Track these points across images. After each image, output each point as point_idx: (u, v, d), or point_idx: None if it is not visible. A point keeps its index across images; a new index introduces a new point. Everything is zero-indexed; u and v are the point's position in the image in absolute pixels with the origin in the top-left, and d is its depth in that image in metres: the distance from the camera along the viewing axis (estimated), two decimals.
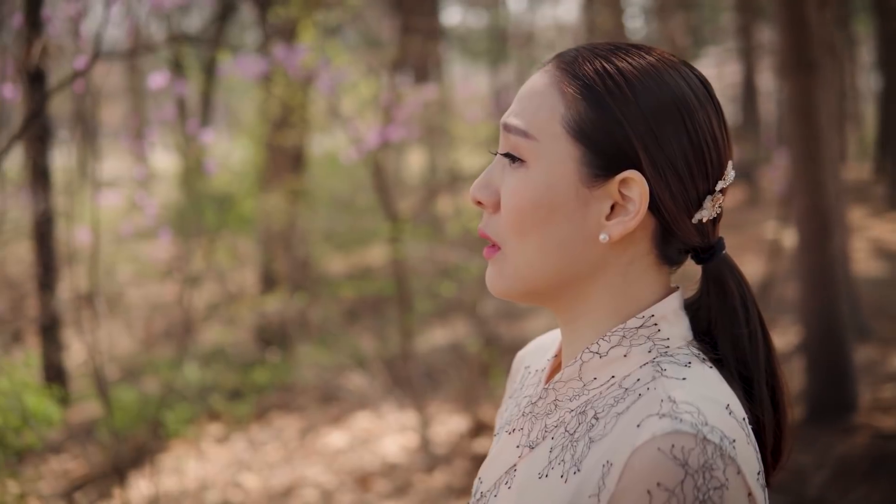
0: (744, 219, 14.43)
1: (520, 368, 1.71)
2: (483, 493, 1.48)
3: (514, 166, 1.38)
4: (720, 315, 1.40)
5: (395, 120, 8.02)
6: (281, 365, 9.83)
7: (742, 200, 16.13)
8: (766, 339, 1.42)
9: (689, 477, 1.15)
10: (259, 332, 10.81)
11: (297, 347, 10.20)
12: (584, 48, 1.40)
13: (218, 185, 12.24)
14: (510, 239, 1.38)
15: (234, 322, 11.37)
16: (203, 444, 8.27)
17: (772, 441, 1.39)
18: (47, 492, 7.55)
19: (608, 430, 1.28)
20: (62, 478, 7.96)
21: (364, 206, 12.69)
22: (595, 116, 1.33)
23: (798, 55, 6.62)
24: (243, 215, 11.41)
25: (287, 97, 8.94)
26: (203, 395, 9.10)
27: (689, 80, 1.37)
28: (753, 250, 12.00)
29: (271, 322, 10.68)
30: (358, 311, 11.27)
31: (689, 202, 1.35)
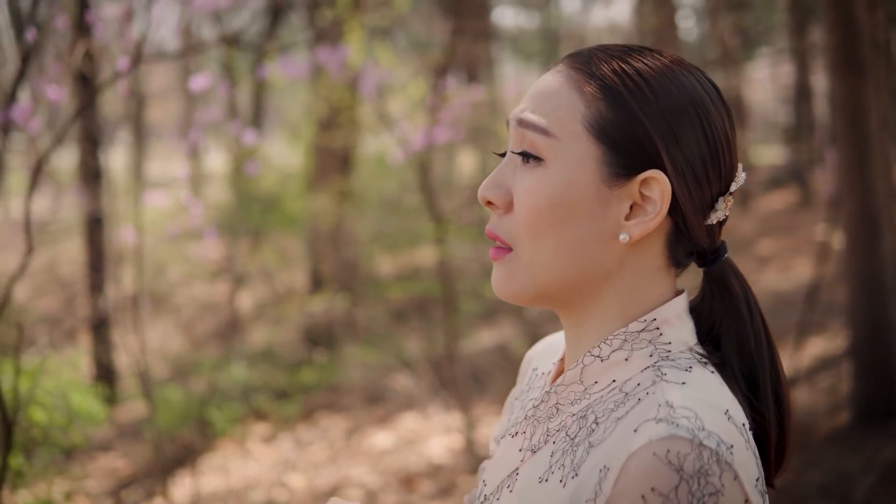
0: (795, 221, 14.32)
1: (528, 370, 1.70)
2: (486, 496, 1.48)
3: (529, 165, 1.37)
4: (724, 316, 1.39)
5: (440, 121, 8.00)
6: (328, 365, 9.86)
7: (794, 203, 16.00)
8: (770, 342, 1.41)
9: (684, 482, 1.14)
10: (307, 333, 10.85)
11: (344, 348, 10.22)
12: (597, 49, 1.39)
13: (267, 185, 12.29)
14: (525, 240, 1.37)
15: (281, 322, 11.41)
16: (250, 444, 8.30)
17: (775, 445, 1.38)
18: (95, 490, 7.61)
19: (607, 435, 1.27)
20: (110, 476, 8.01)
21: (411, 207, 12.70)
22: (616, 115, 1.32)
23: (846, 56, 6.55)
24: (292, 216, 11.45)
25: (334, 98, 8.97)
26: (250, 394, 9.14)
27: (703, 83, 1.37)
28: (805, 253, 11.91)
29: (319, 322, 10.71)
30: (405, 312, 11.28)
31: (704, 203, 1.35)
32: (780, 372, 1.41)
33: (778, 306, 9.74)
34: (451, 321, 7.60)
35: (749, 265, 11.78)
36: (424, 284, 10.99)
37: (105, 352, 10.12)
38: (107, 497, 7.49)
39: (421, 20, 18.36)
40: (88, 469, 8.00)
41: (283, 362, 10.22)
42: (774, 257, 12.34)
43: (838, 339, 8.40)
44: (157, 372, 10.30)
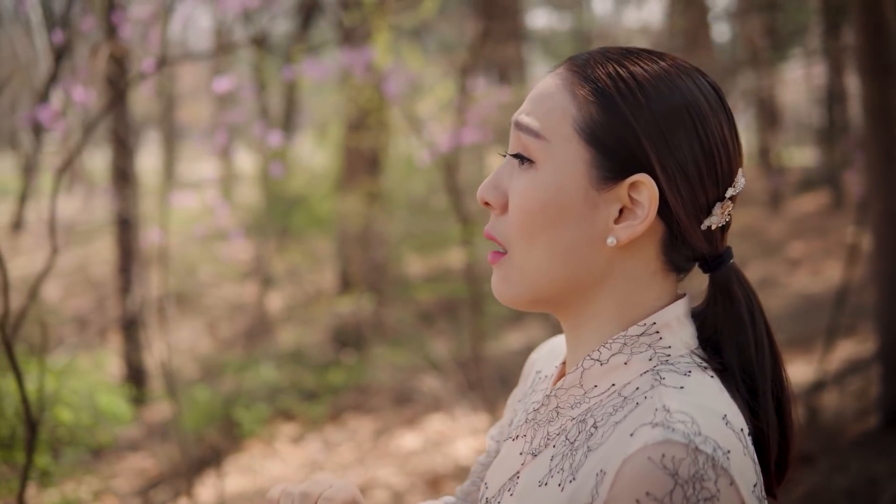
0: (827, 223, 14.25)
1: (531, 372, 1.70)
2: (488, 499, 1.48)
3: (523, 167, 1.37)
4: (726, 323, 1.39)
5: (467, 123, 8.00)
6: (356, 366, 9.87)
7: (825, 205, 15.92)
8: (773, 350, 1.40)
9: (679, 487, 1.14)
10: (335, 333, 10.87)
11: (372, 349, 10.24)
12: (597, 52, 1.40)
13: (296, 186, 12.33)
14: (517, 242, 1.38)
15: (310, 323, 11.44)
16: (278, 445, 8.32)
17: (776, 452, 1.37)
18: (124, 489, 7.64)
19: (605, 439, 1.27)
20: (139, 476, 8.04)
21: (440, 208, 12.71)
22: (606, 119, 1.32)
23: (875, 57, 6.51)
24: (321, 217, 11.48)
25: (362, 100, 8.98)
26: (278, 395, 9.16)
27: (702, 87, 1.36)
28: (836, 255, 11.85)
29: (347, 323, 10.73)
30: (433, 314, 11.28)
31: (698, 208, 1.34)
32: (783, 381, 1.40)
33: (808, 309, 9.71)
34: (478, 323, 7.59)
35: (780, 268, 11.74)
36: (452, 286, 11.00)
37: (134, 352, 10.16)
38: (135, 496, 7.52)
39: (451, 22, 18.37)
40: (117, 469, 8.04)
41: (312, 363, 10.24)
42: (805, 260, 12.29)
43: (868, 342, 8.36)
44: (186, 372, 10.34)
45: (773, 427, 1.36)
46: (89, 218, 16.78)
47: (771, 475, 1.37)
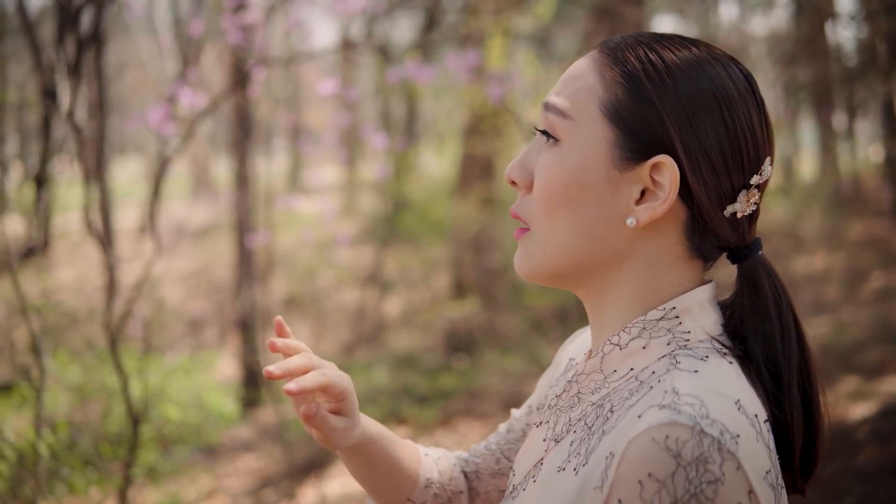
0: None
1: (563, 359, 1.70)
2: (515, 486, 1.48)
3: (548, 144, 1.38)
4: (751, 314, 1.36)
5: None
6: (467, 371, 9.88)
7: None
8: (802, 343, 1.38)
9: (681, 469, 1.12)
10: (448, 338, 10.89)
11: (483, 354, 10.23)
12: (630, 36, 1.40)
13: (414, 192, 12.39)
14: (540, 218, 1.38)
15: (424, 327, 11.48)
16: None
17: (801, 445, 1.34)
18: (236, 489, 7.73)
19: (618, 423, 1.25)
20: (251, 476, 8.13)
21: None
22: (632, 100, 1.33)
23: None
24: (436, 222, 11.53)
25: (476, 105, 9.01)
26: (390, 398, 9.20)
27: (732, 74, 1.35)
28: None
29: (460, 328, 10.75)
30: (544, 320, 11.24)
31: (721, 193, 1.33)
32: (811, 375, 1.37)
33: None
34: None
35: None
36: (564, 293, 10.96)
37: (250, 354, 10.29)
38: (246, 496, 7.60)
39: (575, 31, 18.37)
40: (229, 469, 8.14)
41: (424, 367, 10.27)
42: None
43: None
44: None
45: (797, 419, 1.33)
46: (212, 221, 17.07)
47: (796, 470, 1.35)
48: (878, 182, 17.12)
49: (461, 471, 1.79)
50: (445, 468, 1.76)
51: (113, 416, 5.96)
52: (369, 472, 1.67)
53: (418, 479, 1.71)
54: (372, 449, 1.64)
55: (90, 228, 4.47)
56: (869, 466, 5.70)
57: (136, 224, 19.94)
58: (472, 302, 11.01)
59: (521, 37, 12.72)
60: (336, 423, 1.54)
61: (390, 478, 1.68)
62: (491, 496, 1.76)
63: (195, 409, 6.19)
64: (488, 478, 1.76)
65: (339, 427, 1.55)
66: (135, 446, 4.43)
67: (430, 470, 1.73)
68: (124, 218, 18.62)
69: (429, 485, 1.72)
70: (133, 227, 19.23)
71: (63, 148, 8.43)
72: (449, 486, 1.75)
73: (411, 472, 1.70)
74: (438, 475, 1.74)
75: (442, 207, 11.76)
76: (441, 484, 1.74)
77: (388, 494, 1.70)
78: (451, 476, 1.76)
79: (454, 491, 1.75)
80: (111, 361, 5.49)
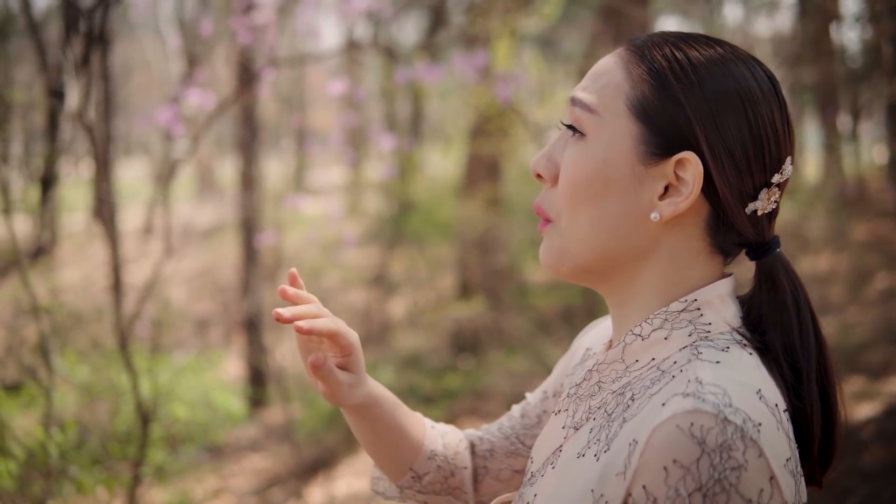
0: None
1: (580, 348, 1.74)
2: (533, 473, 1.51)
3: (574, 138, 1.41)
4: (770, 309, 1.40)
5: None
6: (473, 371, 9.89)
7: None
8: (818, 337, 1.41)
9: (706, 455, 1.15)
10: (453, 339, 10.91)
11: (489, 354, 10.25)
12: (656, 35, 1.43)
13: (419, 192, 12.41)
14: (564, 212, 1.41)
15: (429, 328, 11.49)
16: None
17: (819, 436, 1.37)
18: (242, 489, 7.75)
19: (639, 410, 1.28)
20: (257, 475, 8.15)
21: None
22: (658, 98, 1.35)
23: None
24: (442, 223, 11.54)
25: (482, 106, 9.03)
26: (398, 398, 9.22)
27: (756, 74, 1.38)
28: None
29: (465, 328, 10.76)
30: (550, 321, 11.25)
31: (743, 191, 1.36)
32: (828, 368, 1.41)
33: None
34: None
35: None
36: (570, 293, 10.97)
37: (255, 354, 10.31)
38: (252, 496, 7.63)
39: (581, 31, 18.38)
40: (235, 468, 8.17)
41: (429, 367, 10.29)
42: None
43: None
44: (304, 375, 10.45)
45: (816, 411, 1.36)
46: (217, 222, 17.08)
47: (814, 461, 1.38)
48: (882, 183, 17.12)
49: (471, 447, 1.83)
50: (451, 443, 1.80)
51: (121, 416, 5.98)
52: (373, 435, 1.70)
53: (422, 449, 1.75)
54: (376, 411, 1.67)
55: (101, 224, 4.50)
56: (873, 466, 5.72)
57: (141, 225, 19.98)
58: (478, 302, 11.03)
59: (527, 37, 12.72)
60: (342, 378, 1.58)
61: (394, 444, 1.72)
62: (503, 475, 1.80)
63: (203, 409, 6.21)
64: (503, 457, 1.80)
65: (344, 382, 1.58)
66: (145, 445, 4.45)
67: (434, 442, 1.77)
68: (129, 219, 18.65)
69: (432, 456, 1.76)
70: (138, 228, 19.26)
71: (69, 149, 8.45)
72: (453, 460, 1.78)
73: (416, 441, 1.74)
74: (443, 448, 1.78)
75: (447, 208, 11.77)
76: (445, 457, 1.77)
77: (392, 461, 1.74)
78: (455, 451, 1.80)
79: (458, 465, 1.79)
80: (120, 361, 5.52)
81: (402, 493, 1.77)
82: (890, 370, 7.50)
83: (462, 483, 1.79)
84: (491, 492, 1.80)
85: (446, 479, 1.77)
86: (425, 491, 1.77)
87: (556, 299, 11.26)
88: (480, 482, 1.81)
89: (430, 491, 1.77)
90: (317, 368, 1.52)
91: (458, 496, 1.79)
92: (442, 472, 1.76)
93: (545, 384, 1.81)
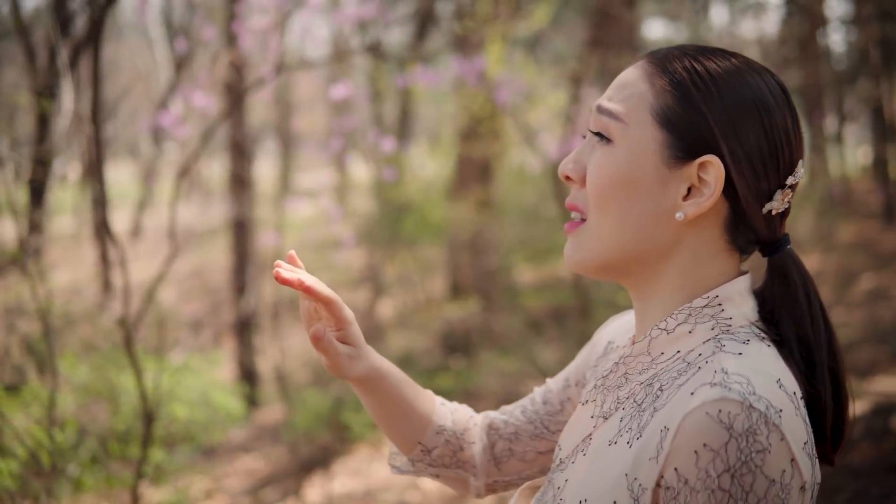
0: None
1: (602, 341, 1.84)
2: (562, 460, 1.60)
3: (601, 144, 1.50)
4: (783, 301, 1.49)
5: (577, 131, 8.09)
6: (464, 371, 9.94)
7: None
8: (828, 328, 1.50)
9: (734, 439, 1.25)
10: (444, 339, 10.95)
11: (480, 354, 10.29)
12: (675, 47, 1.52)
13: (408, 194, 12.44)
14: (593, 211, 1.50)
15: (421, 328, 11.54)
16: (385, 448, 8.41)
17: (832, 419, 1.47)
18: (235, 489, 7.78)
19: (669, 400, 1.37)
20: (250, 476, 8.18)
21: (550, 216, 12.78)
22: (681, 107, 1.45)
23: None
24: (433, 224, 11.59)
25: (474, 108, 9.08)
26: None
27: (769, 84, 1.48)
28: None
29: (456, 329, 10.80)
30: (541, 321, 11.30)
31: (760, 192, 1.45)
32: (837, 355, 1.50)
33: None
34: (585, 330, 7.64)
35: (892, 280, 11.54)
36: (561, 294, 11.03)
37: (247, 355, 10.33)
38: (245, 496, 7.66)
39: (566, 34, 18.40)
40: (228, 469, 8.19)
41: (421, 368, 10.33)
42: None
43: None
44: (297, 376, 10.48)
45: (828, 396, 1.45)
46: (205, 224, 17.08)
47: (827, 442, 1.47)
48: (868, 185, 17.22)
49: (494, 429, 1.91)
50: (460, 419, 1.89)
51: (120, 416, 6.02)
52: (380, 408, 1.80)
53: (431, 423, 1.84)
54: (382, 385, 1.77)
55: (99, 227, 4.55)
56: (862, 464, 5.79)
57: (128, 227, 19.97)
58: (469, 303, 11.08)
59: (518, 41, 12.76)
60: (342, 350, 1.70)
61: (402, 417, 1.81)
62: (528, 456, 1.89)
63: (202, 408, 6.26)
64: (527, 440, 1.89)
65: (344, 353, 1.70)
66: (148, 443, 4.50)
67: (444, 418, 1.86)
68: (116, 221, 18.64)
69: (441, 431, 1.85)
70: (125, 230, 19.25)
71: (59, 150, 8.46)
72: (462, 435, 1.87)
73: (424, 416, 1.84)
74: (452, 424, 1.86)
75: (439, 210, 11.82)
76: (454, 432, 1.86)
77: (401, 434, 1.83)
78: (465, 427, 1.88)
79: (467, 441, 1.87)
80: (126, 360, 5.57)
81: (415, 466, 1.86)
82: (877, 369, 7.58)
83: (472, 458, 1.88)
84: (515, 471, 1.89)
85: (455, 454, 1.86)
86: (435, 464, 1.86)
87: (547, 300, 11.33)
88: (505, 463, 1.89)
89: (440, 464, 1.86)
90: (317, 340, 1.63)
91: (467, 469, 1.88)
92: (451, 447, 1.85)
93: (567, 372, 1.91)
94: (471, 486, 1.90)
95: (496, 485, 1.92)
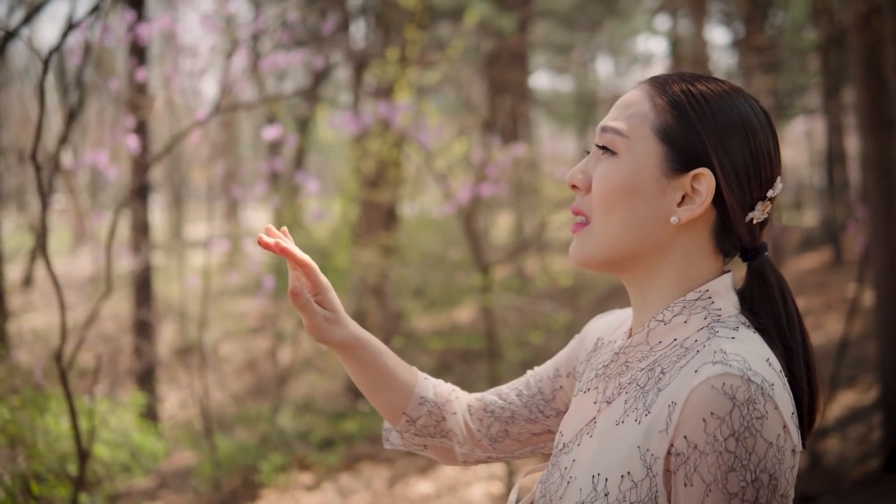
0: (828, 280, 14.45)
1: (592, 337, 2.04)
2: (566, 444, 1.80)
3: (606, 156, 1.72)
4: (761, 300, 1.72)
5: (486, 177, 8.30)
6: (371, 415, 10.02)
7: (826, 262, 16.10)
8: (801, 324, 1.73)
9: (737, 408, 1.46)
10: (350, 383, 11.00)
11: None
12: (674, 73, 1.75)
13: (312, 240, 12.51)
14: (598, 215, 1.72)
15: (326, 373, 11.60)
16: (294, 493, 8.45)
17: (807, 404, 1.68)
18: None
19: (672, 380, 1.59)
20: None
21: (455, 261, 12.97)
22: (678, 125, 1.67)
23: (876, 113, 6.79)
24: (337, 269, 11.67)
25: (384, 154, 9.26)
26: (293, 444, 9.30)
27: (755, 108, 1.71)
28: (836, 310, 12.08)
29: None
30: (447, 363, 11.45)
31: (745, 203, 1.68)
32: (809, 346, 1.73)
33: None
34: (495, 368, 7.79)
35: None
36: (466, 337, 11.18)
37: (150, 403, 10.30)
38: None
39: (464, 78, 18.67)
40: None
41: (327, 413, 10.39)
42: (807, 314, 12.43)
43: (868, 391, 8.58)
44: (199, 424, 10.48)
45: (803, 379, 1.67)
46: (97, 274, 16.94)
47: (803, 423, 1.68)
48: None
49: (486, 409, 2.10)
50: (442, 392, 2.09)
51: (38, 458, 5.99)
52: (363, 377, 1.99)
53: (413, 394, 2.04)
54: (364, 353, 1.97)
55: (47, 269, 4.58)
56: None
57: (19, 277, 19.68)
58: None
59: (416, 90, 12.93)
60: (319, 311, 1.89)
61: (384, 387, 2.01)
62: (522, 436, 2.09)
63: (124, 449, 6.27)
64: (522, 422, 2.08)
65: (321, 314, 1.89)
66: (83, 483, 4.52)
67: (426, 390, 2.06)
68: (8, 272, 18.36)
69: (423, 402, 2.04)
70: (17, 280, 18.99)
71: None
72: (443, 406, 2.07)
73: (406, 386, 2.04)
74: (434, 396, 2.07)
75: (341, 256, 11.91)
76: (435, 403, 2.06)
77: (386, 402, 2.03)
78: (446, 399, 2.08)
79: (448, 412, 2.07)
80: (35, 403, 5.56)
81: (403, 437, 2.05)
82: None
83: (455, 427, 2.07)
84: (509, 450, 2.10)
85: (438, 423, 2.05)
86: (421, 433, 2.04)
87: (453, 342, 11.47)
88: (500, 442, 2.09)
89: (426, 433, 2.05)
90: (295, 296, 1.82)
91: (451, 438, 2.07)
92: (433, 417, 2.04)
93: (556, 362, 2.10)
94: (457, 454, 2.09)
95: (489, 459, 2.13)
